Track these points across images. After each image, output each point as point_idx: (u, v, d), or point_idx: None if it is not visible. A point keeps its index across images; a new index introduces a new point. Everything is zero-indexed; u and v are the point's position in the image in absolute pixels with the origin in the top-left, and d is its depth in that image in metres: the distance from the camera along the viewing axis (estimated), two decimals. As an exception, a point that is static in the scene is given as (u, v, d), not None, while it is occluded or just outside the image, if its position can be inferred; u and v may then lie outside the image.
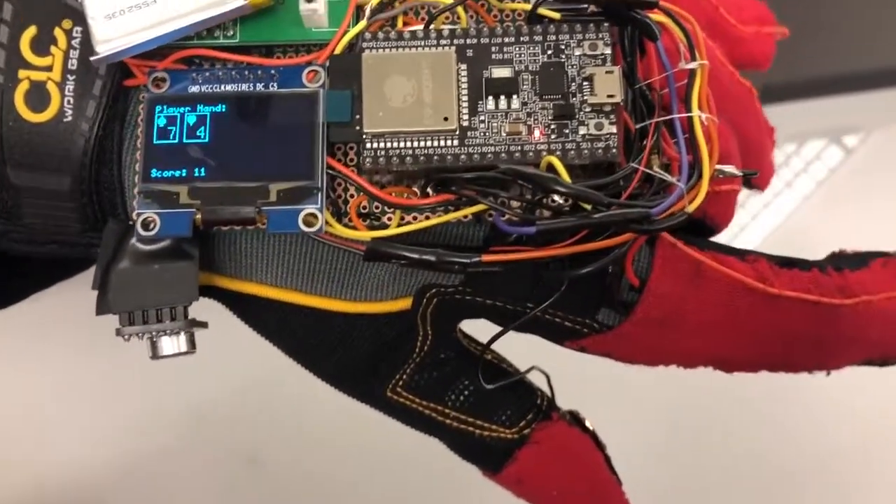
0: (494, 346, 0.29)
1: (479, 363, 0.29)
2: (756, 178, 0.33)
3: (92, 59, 0.24)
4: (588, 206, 0.23)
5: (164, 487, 0.52)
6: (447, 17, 0.26)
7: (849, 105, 0.60)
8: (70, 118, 0.25)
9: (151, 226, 0.24)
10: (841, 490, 0.54)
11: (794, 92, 0.57)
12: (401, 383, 0.29)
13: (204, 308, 0.28)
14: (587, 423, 0.30)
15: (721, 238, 0.29)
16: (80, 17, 0.25)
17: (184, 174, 0.24)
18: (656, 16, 0.24)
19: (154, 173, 0.24)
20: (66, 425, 0.53)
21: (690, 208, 0.23)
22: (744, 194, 0.64)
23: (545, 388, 0.30)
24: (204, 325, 0.27)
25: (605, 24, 0.24)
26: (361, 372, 0.29)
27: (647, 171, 0.24)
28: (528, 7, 0.25)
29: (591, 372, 0.34)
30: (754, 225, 0.64)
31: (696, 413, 0.54)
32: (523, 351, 0.30)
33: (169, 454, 0.52)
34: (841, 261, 0.29)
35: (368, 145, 0.24)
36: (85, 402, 0.53)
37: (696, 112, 0.24)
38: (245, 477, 0.52)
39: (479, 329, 0.29)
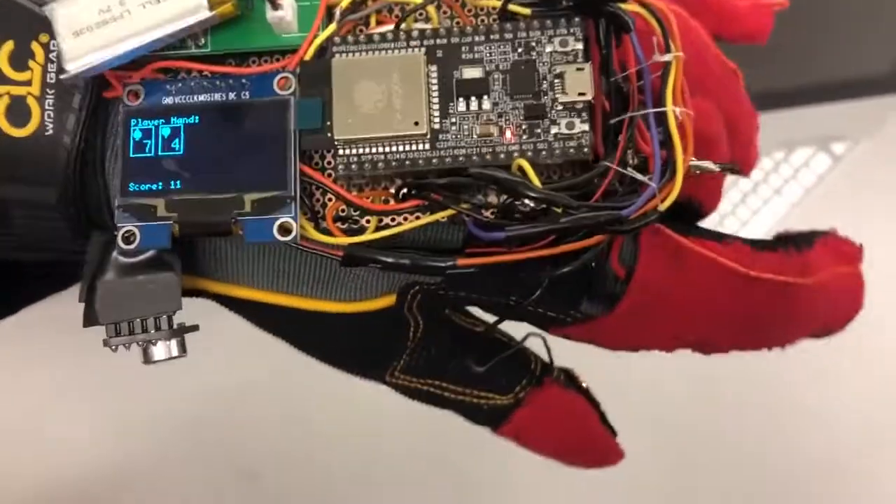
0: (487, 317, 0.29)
1: (471, 339, 0.29)
2: (740, 164, 0.33)
3: (62, 76, 0.24)
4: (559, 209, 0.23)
5: (156, 499, 0.53)
6: (420, 14, 0.26)
7: (837, 113, 0.61)
8: (51, 132, 0.26)
9: (132, 239, 0.24)
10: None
11: (783, 100, 0.59)
12: (399, 368, 0.30)
13: (199, 318, 0.29)
14: (581, 382, 0.31)
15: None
16: (55, 31, 0.25)
17: (160, 187, 0.24)
18: (630, 6, 0.24)
19: (132, 187, 0.25)
20: (58, 435, 0.54)
21: (663, 207, 0.23)
22: (733, 202, 0.65)
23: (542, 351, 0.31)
24: (194, 328, 0.27)
25: (577, 20, 0.24)
26: (361, 362, 0.30)
27: (619, 169, 0.23)
28: (499, 3, 0.25)
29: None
30: (744, 232, 0.65)
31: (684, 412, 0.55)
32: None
33: (162, 465, 0.53)
34: (794, 241, 0.30)
35: (340, 152, 0.24)
36: (77, 412, 0.54)
37: (670, 107, 0.23)
38: (238, 488, 0.53)
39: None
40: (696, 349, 0.29)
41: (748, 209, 0.66)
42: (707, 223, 0.29)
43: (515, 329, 0.31)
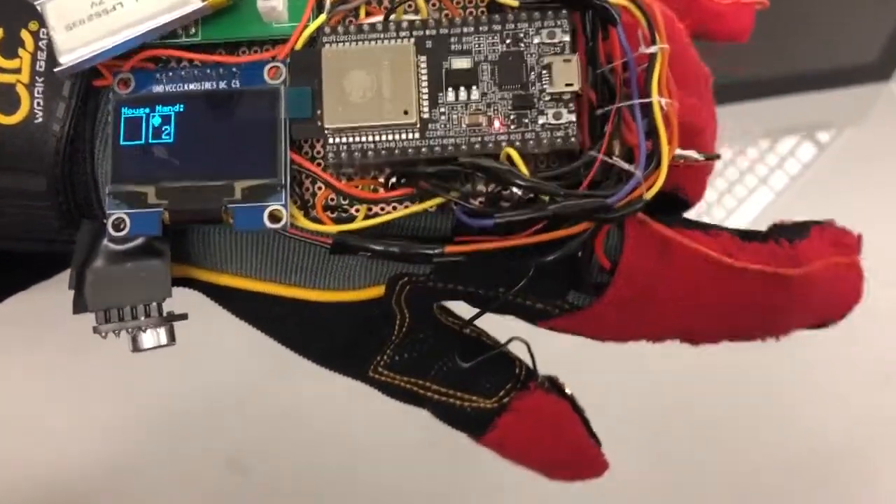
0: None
1: (457, 340, 0.30)
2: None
3: (56, 70, 0.24)
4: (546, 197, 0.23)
5: (143, 492, 0.53)
6: (409, 6, 0.26)
7: (822, 101, 0.62)
8: (41, 119, 0.26)
9: (122, 226, 0.25)
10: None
11: (768, 89, 0.59)
12: (382, 363, 0.30)
13: (192, 311, 0.29)
14: (566, 389, 0.31)
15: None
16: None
17: (151, 175, 0.25)
18: None
19: (122, 174, 0.25)
20: (43, 428, 0.53)
21: (648, 195, 0.23)
22: (719, 191, 0.66)
23: (526, 357, 0.31)
24: (183, 317, 0.27)
25: (563, 12, 0.24)
26: (344, 355, 0.30)
27: (606, 158, 0.24)
28: (489, -5, 0.25)
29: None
30: (730, 221, 0.65)
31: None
32: (508, 319, 0.31)
33: (149, 457, 0.53)
34: (787, 231, 0.30)
35: (330, 140, 0.24)
36: (67, 406, 0.54)
37: (655, 98, 0.24)
38: (230, 481, 0.53)
39: (457, 304, 0.30)
40: (684, 339, 0.29)
41: (734, 198, 0.66)
42: (692, 212, 0.29)
43: (501, 335, 0.31)
